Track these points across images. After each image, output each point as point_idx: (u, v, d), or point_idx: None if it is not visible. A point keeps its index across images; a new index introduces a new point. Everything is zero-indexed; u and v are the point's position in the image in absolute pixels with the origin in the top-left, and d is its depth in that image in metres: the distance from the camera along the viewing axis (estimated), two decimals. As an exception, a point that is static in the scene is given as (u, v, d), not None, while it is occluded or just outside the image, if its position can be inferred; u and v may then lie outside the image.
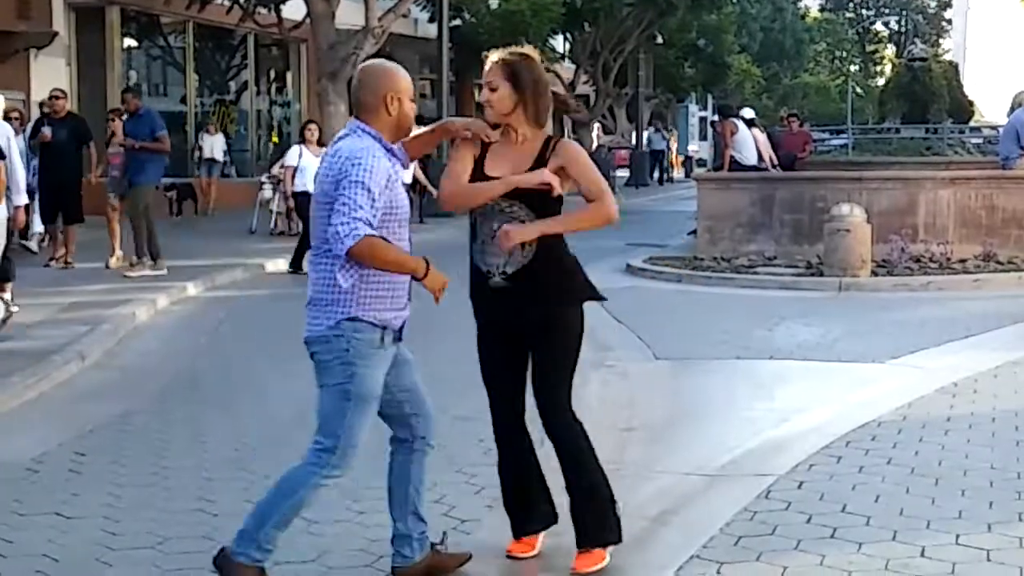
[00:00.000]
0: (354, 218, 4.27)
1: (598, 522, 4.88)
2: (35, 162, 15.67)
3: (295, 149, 15.78)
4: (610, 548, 4.90)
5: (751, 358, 9.64)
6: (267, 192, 20.59)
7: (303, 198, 15.19)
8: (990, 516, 5.40)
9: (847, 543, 5.08)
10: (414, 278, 4.48)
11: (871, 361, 9.31)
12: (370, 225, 4.30)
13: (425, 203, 21.73)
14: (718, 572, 4.80)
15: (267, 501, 4.55)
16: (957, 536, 5.13)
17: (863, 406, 7.70)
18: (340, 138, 4.58)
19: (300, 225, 19.79)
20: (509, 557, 5.04)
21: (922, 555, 4.92)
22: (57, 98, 15.30)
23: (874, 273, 13.93)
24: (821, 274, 14.06)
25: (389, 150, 4.55)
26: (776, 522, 5.36)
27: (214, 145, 24.98)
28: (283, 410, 7.95)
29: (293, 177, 15.65)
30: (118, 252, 14.97)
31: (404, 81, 4.67)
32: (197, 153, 25.11)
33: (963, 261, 14.54)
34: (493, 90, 4.76)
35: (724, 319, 11.66)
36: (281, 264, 16.34)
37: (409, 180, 18.19)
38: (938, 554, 4.92)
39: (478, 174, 4.79)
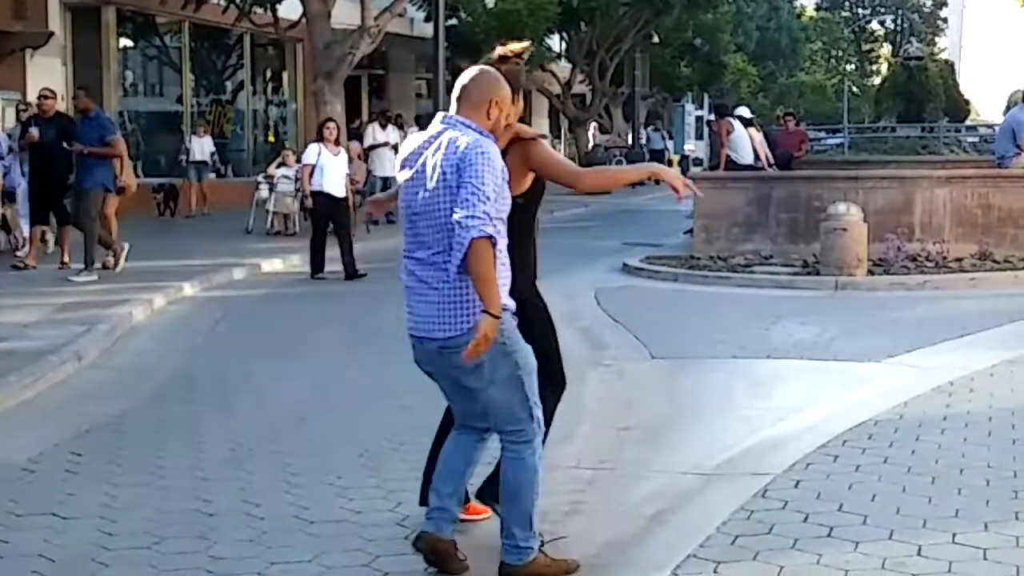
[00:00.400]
0: (484, 212, 4.35)
1: None
2: (6, 161, 15.62)
3: (313, 147, 15.16)
4: None
5: (748, 357, 9.65)
6: (263, 192, 20.57)
7: (321, 198, 14.88)
8: (987, 515, 5.40)
9: (844, 542, 5.08)
10: (485, 311, 4.42)
11: (867, 360, 9.31)
12: (490, 220, 4.38)
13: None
14: (715, 571, 4.80)
15: (518, 506, 4.67)
16: (954, 535, 5.13)
17: (860, 405, 7.71)
18: (440, 132, 4.60)
19: (298, 226, 19.84)
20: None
21: (919, 554, 4.92)
22: (45, 98, 15.16)
23: (870, 272, 13.94)
24: (817, 273, 14.06)
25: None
26: (773, 521, 5.36)
27: (203, 147, 24.20)
28: (280, 410, 7.95)
29: (311, 176, 15.00)
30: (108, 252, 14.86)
31: (508, 93, 4.74)
32: (184, 156, 24.24)
33: (959, 260, 14.55)
34: None
35: (720, 318, 11.66)
36: (277, 264, 16.31)
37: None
38: (935, 553, 4.92)
39: None
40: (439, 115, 4.70)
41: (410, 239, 4.66)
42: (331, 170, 14.90)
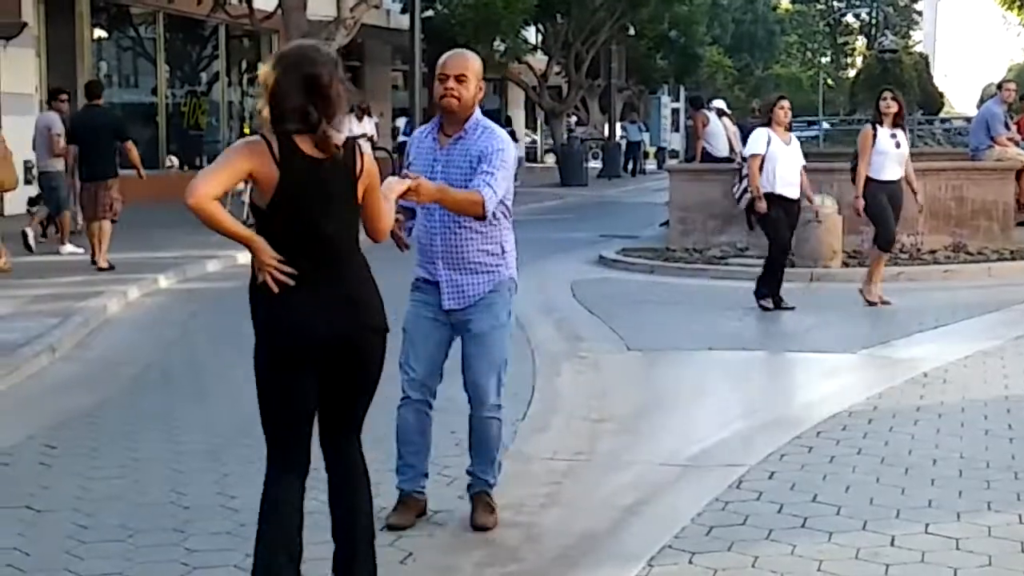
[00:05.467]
0: None
1: None
2: None
3: (762, 134, 11.49)
4: None
5: (723, 349, 9.67)
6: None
7: (778, 200, 11.31)
8: (959, 505, 5.45)
9: (818, 532, 5.11)
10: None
11: (842, 351, 9.35)
12: None
13: None
14: (690, 562, 4.82)
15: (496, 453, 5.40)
16: (926, 525, 5.17)
17: (834, 396, 7.75)
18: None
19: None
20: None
21: (892, 544, 4.95)
22: None
23: (845, 264, 13.99)
24: (792, 265, 14.04)
25: None
26: (747, 512, 5.39)
27: None
28: (255, 403, 7.90)
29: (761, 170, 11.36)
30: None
31: None
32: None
33: (933, 252, 14.62)
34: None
35: (696, 310, 11.69)
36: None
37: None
38: (908, 543, 4.96)
39: None
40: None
41: None
42: (785, 164, 11.38)
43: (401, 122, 30.51)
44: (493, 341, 5.19)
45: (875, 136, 11.47)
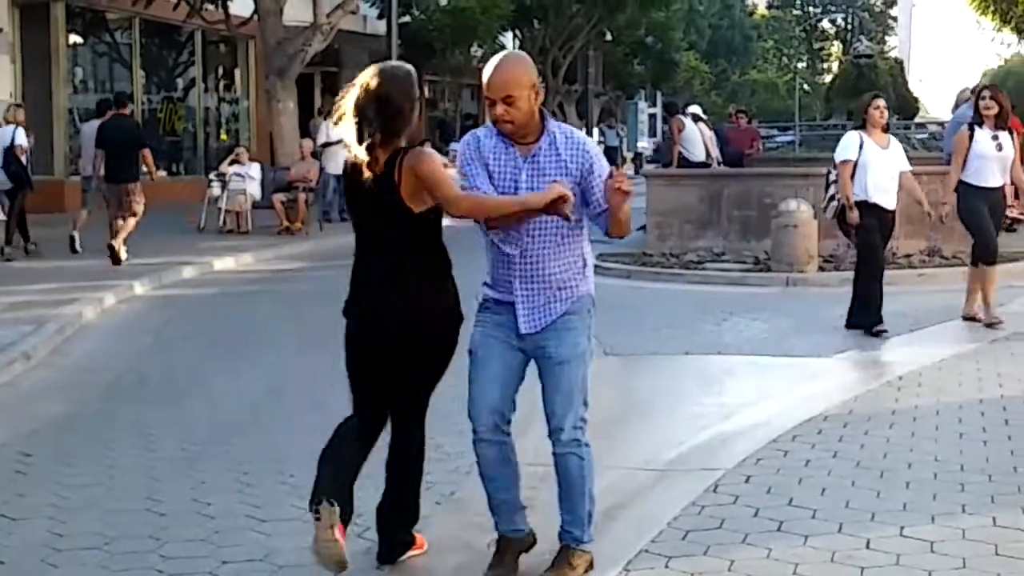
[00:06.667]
0: None
1: None
2: None
3: (854, 138, 10.50)
4: None
5: (699, 353, 9.69)
6: (216, 190, 20.44)
7: (874, 210, 10.54)
8: (934, 508, 5.47)
9: (793, 536, 5.13)
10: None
11: (817, 355, 9.39)
12: None
13: None
14: (666, 566, 4.83)
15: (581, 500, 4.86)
16: (901, 528, 5.19)
17: (809, 400, 7.77)
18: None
19: (250, 224, 19.73)
20: None
21: (867, 547, 4.97)
22: None
23: (821, 268, 14.05)
24: (769, 269, 14.15)
25: None
26: (723, 516, 5.40)
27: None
28: (231, 410, 7.91)
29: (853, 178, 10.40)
30: None
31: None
32: None
33: (908, 256, 14.69)
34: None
35: (672, 315, 11.72)
36: (230, 262, 16.20)
37: None
38: (883, 546, 4.97)
39: None
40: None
41: None
42: (880, 170, 10.51)
43: None
44: (571, 371, 4.79)
45: (972, 137, 10.54)
